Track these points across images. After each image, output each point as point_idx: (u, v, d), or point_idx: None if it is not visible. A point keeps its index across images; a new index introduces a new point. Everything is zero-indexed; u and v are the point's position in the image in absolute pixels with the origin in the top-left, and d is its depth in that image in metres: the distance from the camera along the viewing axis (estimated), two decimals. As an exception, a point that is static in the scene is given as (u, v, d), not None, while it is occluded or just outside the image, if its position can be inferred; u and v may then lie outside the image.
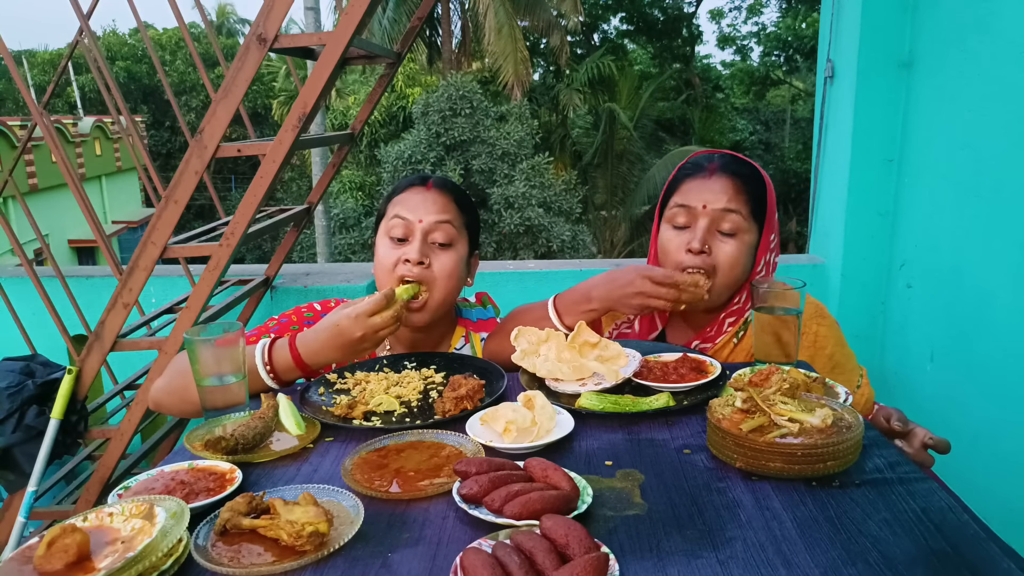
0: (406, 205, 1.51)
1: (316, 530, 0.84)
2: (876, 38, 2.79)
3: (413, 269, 1.46)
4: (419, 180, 1.56)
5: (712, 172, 1.47)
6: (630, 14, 22.19)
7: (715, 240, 1.45)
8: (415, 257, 1.46)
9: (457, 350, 1.63)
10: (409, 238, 1.49)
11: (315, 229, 12.47)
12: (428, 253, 1.49)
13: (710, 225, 1.45)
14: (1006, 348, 2.21)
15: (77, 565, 0.80)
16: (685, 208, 1.47)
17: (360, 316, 1.29)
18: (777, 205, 1.56)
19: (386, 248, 1.51)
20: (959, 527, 0.87)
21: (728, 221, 1.44)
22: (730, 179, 1.45)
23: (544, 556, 0.77)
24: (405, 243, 1.49)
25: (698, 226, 1.45)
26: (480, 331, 1.66)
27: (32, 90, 3.24)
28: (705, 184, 1.46)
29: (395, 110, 17.00)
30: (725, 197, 1.44)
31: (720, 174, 1.46)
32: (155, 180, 2.32)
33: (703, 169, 1.48)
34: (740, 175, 1.47)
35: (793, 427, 1.00)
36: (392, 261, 1.49)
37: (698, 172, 1.49)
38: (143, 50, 22.76)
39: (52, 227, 12.46)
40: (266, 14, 1.83)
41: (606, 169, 17.69)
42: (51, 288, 2.29)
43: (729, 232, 1.45)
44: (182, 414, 1.46)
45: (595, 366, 1.31)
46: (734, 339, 1.53)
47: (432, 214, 1.49)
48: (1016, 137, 2.16)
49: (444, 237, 1.50)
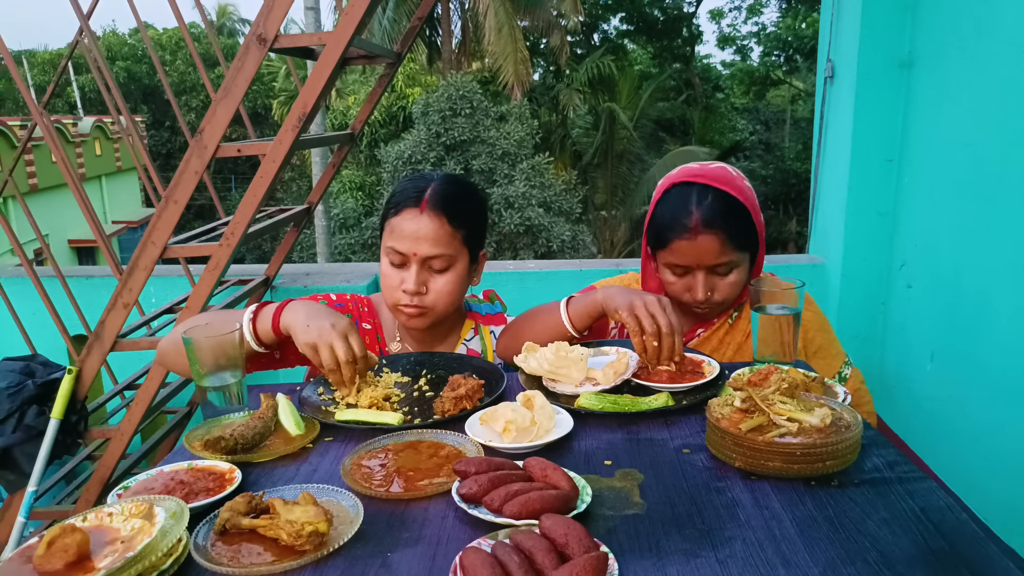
0: (401, 234, 1.47)
1: (316, 530, 0.84)
2: (876, 38, 2.79)
3: (413, 299, 1.49)
4: (414, 199, 1.48)
5: (696, 233, 1.48)
6: (630, 14, 22.18)
7: (715, 280, 1.53)
8: (411, 288, 1.48)
9: (467, 341, 1.65)
10: (407, 264, 1.49)
11: (315, 229, 12.47)
12: (426, 280, 1.50)
13: (708, 273, 1.52)
14: (1006, 348, 2.21)
15: (77, 565, 0.80)
16: (680, 266, 1.54)
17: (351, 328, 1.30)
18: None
19: (387, 267, 1.52)
20: (958, 526, 0.87)
21: (722, 267, 1.52)
22: (714, 236, 1.47)
23: (544, 555, 0.77)
24: (403, 268, 1.50)
25: (697, 280, 1.52)
26: (489, 324, 1.68)
27: (32, 90, 3.25)
28: (693, 246, 1.49)
29: (395, 110, 17.00)
30: (714, 254, 1.49)
31: (704, 234, 1.47)
32: (155, 180, 2.32)
33: (687, 230, 1.48)
34: (723, 227, 1.47)
35: (792, 427, 1.00)
36: (394, 283, 1.51)
37: (683, 233, 1.49)
38: (143, 50, 22.76)
39: (52, 227, 12.46)
40: (266, 14, 1.83)
41: (606, 169, 17.69)
42: (51, 288, 2.29)
43: (725, 272, 1.53)
44: (183, 371, 1.47)
45: (594, 369, 1.31)
46: (728, 320, 1.63)
47: (426, 246, 1.47)
48: (1016, 137, 2.16)
49: (440, 264, 1.50)
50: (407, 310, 1.50)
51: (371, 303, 1.67)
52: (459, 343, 1.65)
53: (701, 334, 1.63)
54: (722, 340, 1.62)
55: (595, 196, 17.77)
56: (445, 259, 1.49)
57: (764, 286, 1.37)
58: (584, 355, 1.31)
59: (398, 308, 1.51)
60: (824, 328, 1.64)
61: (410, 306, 1.49)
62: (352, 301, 1.64)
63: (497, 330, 1.66)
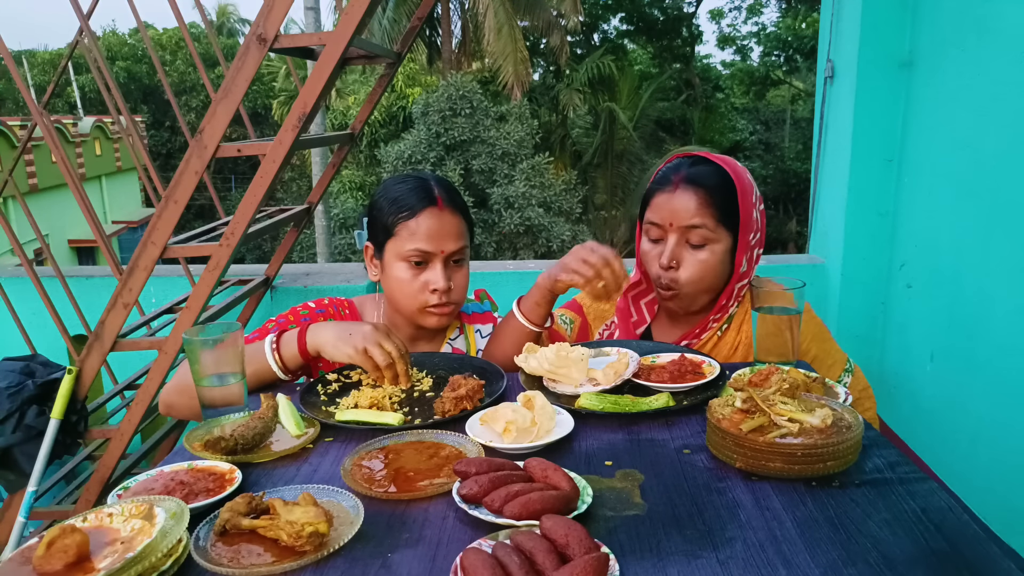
0: (425, 234, 1.48)
1: (316, 530, 0.84)
2: (876, 38, 2.79)
3: (442, 297, 1.50)
4: (427, 198, 1.49)
5: (677, 186, 1.49)
6: (630, 14, 22.18)
7: (685, 252, 1.50)
8: (444, 286, 1.49)
9: (452, 340, 1.66)
10: (429, 262, 1.50)
11: (315, 229, 12.47)
12: (450, 276, 1.52)
13: (679, 239, 1.50)
14: (1006, 348, 2.21)
15: (77, 565, 0.80)
16: (655, 225, 1.52)
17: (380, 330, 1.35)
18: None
19: (404, 271, 1.51)
20: (959, 527, 0.87)
21: (695, 235, 1.48)
22: (694, 193, 1.47)
23: (544, 556, 0.77)
24: (424, 267, 1.50)
25: (668, 242, 1.51)
26: (474, 323, 1.69)
27: (32, 90, 3.24)
28: (670, 200, 1.49)
29: (395, 110, 17.01)
30: (689, 213, 1.47)
31: (684, 188, 1.48)
32: (155, 180, 2.32)
33: (669, 183, 1.50)
34: (706, 186, 1.48)
35: (793, 427, 1.00)
36: (416, 287, 1.50)
37: (665, 186, 1.51)
38: (143, 50, 22.75)
39: (52, 227, 12.46)
40: (266, 14, 1.82)
41: (606, 169, 17.70)
42: (51, 288, 2.29)
43: (698, 244, 1.49)
44: (193, 415, 1.45)
45: (595, 369, 1.31)
46: (717, 333, 1.59)
47: (451, 242, 1.50)
48: (1016, 137, 2.16)
49: (459, 257, 1.54)
50: (440, 310, 1.51)
51: (352, 305, 1.67)
52: (444, 342, 1.65)
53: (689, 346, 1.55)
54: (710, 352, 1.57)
55: (595, 196, 17.78)
56: (463, 252, 1.54)
57: (764, 286, 1.37)
58: (584, 355, 1.31)
59: (426, 311, 1.52)
60: (820, 337, 1.58)
61: (441, 305, 1.51)
62: (332, 305, 1.64)
63: (483, 328, 1.68)
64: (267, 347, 1.40)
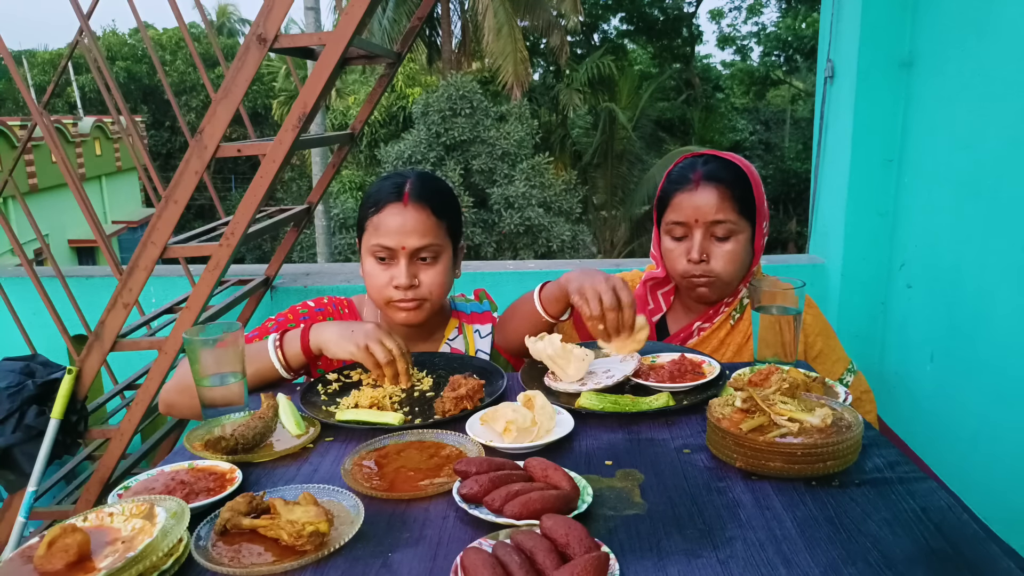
0: (386, 230, 1.48)
1: (316, 530, 0.84)
2: (876, 38, 2.79)
3: (407, 293, 1.49)
4: (394, 194, 1.50)
5: (697, 183, 1.55)
6: (630, 14, 22.17)
7: (712, 246, 1.56)
8: (404, 282, 1.49)
9: (450, 341, 1.65)
10: (394, 259, 1.50)
11: (315, 229, 12.47)
12: (416, 272, 1.51)
13: (705, 234, 1.55)
14: (1006, 348, 2.21)
15: (77, 565, 0.80)
16: (679, 224, 1.57)
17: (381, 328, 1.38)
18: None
19: (372, 266, 1.52)
20: (959, 527, 0.87)
21: (720, 229, 1.54)
22: (715, 188, 1.53)
23: (544, 556, 0.77)
24: (391, 263, 1.50)
25: (694, 238, 1.55)
26: (474, 323, 1.69)
27: (32, 90, 3.25)
28: (692, 197, 1.54)
29: (395, 110, 17.00)
30: (713, 208, 1.53)
31: (705, 185, 1.54)
32: (155, 180, 2.32)
33: (689, 181, 1.56)
34: (725, 181, 1.54)
35: (793, 427, 1.00)
36: (382, 282, 1.51)
37: (685, 185, 1.56)
38: (143, 50, 22.75)
39: (52, 227, 12.46)
40: (266, 14, 1.82)
41: (606, 169, 17.69)
42: (51, 288, 2.29)
43: (724, 236, 1.55)
44: (193, 415, 1.46)
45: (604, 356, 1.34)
46: (730, 321, 1.62)
47: (414, 238, 1.48)
48: (1016, 137, 2.16)
49: (429, 254, 1.51)
50: (403, 305, 1.50)
51: (352, 304, 1.68)
52: (443, 342, 1.65)
53: (701, 329, 1.62)
54: (723, 341, 1.62)
55: (595, 196, 17.78)
56: (433, 249, 1.51)
57: (764, 286, 1.37)
58: (587, 357, 1.31)
59: (392, 305, 1.51)
60: (825, 333, 1.63)
61: (404, 300, 1.50)
62: (331, 304, 1.64)
63: (482, 329, 1.68)
64: (270, 346, 1.42)
